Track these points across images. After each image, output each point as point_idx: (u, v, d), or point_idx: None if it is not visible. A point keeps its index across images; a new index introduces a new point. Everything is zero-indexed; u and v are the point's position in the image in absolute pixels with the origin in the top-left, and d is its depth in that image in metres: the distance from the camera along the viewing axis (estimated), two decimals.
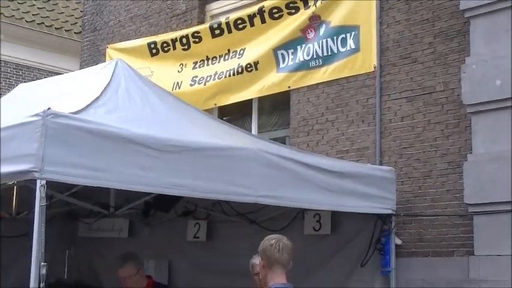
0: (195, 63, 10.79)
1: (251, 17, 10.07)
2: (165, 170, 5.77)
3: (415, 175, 8.13)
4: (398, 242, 7.84)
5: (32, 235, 5.19)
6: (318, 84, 9.29)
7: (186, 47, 10.87)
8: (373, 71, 8.72)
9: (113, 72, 7.04)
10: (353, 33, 9.01)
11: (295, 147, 8.60)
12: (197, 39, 10.72)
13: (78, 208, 9.00)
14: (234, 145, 6.44)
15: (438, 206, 7.90)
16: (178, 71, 10.95)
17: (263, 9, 9.87)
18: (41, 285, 5.13)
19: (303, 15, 9.53)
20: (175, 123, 6.47)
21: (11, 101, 7.80)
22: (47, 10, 21.17)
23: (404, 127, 8.34)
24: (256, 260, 6.13)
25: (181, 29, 11.09)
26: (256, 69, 9.98)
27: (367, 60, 8.82)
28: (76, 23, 20.67)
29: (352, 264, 8.03)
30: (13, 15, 20.07)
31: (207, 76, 10.55)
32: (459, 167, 7.64)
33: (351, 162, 8.09)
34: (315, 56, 9.35)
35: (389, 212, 7.56)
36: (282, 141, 9.31)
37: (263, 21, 9.95)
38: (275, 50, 9.77)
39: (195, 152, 5.98)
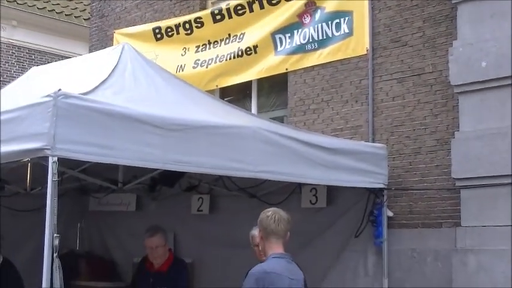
0: (198, 47, 10.78)
1: (250, 3, 10.03)
2: (169, 147, 5.75)
3: (405, 151, 8.13)
4: (390, 214, 7.85)
5: (45, 209, 5.18)
6: (313, 66, 9.28)
7: (189, 31, 10.85)
8: (365, 54, 8.71)
9: (120, 55, 7.02)
10: (346, 18, 8.98)
11: (293, 126, 8.58)
12: (199, 25, 10.70)
13: (88, 184, 9.03)
14: (234, 123, 6.42)
15: (427, 181, 7.91)
16: (182, 55, 10.94)
17: None
18: (54, 255, 5.14)
19: (299, 1, 9.49)
20: (179, 103, 6.46)
21: (25, 83, 7.79)
22: None
23: (396, 106, 8.34)
24: (256, 232, 6.14)
25: (184, 14, 11.06)
26: (256, 52, 9.96)
27: (360, 43, 8.80)
28: (85, 9, 20.66)
29: (346, 235, 8.07)
30: (25, 3, 20.10)
31: (209, 59, 10.55)
32: (447, 143, 7.65)
33: (345, 139, 8.09)
34: (310, 40, 9.33)
35: (382, 186, 7.57)
36: (280, 120, 9.29)
37: (262, 7, 9.91)
38: (273, 34, 9.75)
39: (198, 130, 5.96)
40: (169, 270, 7.50)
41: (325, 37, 9.18)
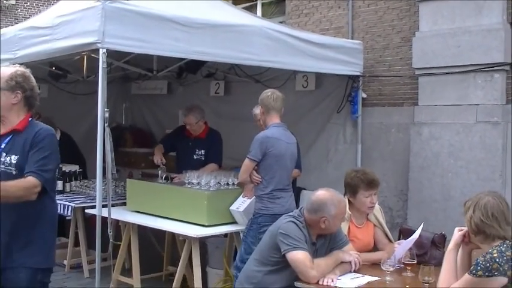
0: None
1: None
2: (193, 41, 5.67)
3: (377, 47, 8.05)
4: (364, 95, 7.83)
5: (98, 92, 5.21)
6: None
7: None
8: None
9: None
10: None
11: (290, 26, 8.47)
12: None
13: (130, 72, 9.00)
14: (244, 23, 6.31)
15: (393, 70, 7.87)
16: None
17: None
18: (105, 124, 5.19)
19: None
20: (201, 7, 6.33)
21: None
22: None
23: (370, 11, 8.20)
24: (257, 110, 6.17)
25: None
26: None
27: None
28: None
29: (330, 112, 8.09)
30: None
31: None
32: (409, 41, 7.55)
33: (330, 37, 7.97)
34: None
35: (358, 73, 7.51)
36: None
37: None
38: None
39: (215, 28, 5.87)
40: (207, 136, 7.45)
41: None
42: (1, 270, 3.64)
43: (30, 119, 3.76)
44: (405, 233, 4.94)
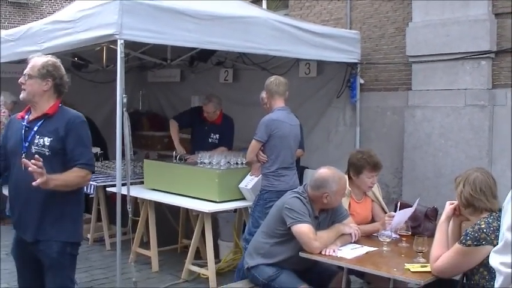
0: None
1: None
2: (203, 32, 5.64)
3: (373, 36, 7.98)
4: (362, 81, 7.78)
5: (117, 80, 5.19)
6: None
7: None
8: None
9: None
10: None
11: (293, 17, 8.43)
12: None
13: (146, 62, 8.94)
14: (251, 15, 6.26)
15: (389, 57, 7.80)
16: None
17: None
18: (124, 109, 5.19)
19: None
20: (210, 1, 6.29)
21: None
22: None
23: (367, 3, 8.11)
24: (263, 94, 6.17)
25: None
26: None
27: None
28: None
29: (331, 96, 8.06)
30: None
31: None
32: (403, 31, 7.49)
33: (330, 27, 7.92)
34: None
35: (356, 61, 7.46)
36: None
37: None
38: None
39: (224, 20, 5.83)
40: (221, 122, 7.47)
41: None
42: (35, 242, 3.71)
43: (60, 104, 3.79)
44: (400, 207, 4.95)
